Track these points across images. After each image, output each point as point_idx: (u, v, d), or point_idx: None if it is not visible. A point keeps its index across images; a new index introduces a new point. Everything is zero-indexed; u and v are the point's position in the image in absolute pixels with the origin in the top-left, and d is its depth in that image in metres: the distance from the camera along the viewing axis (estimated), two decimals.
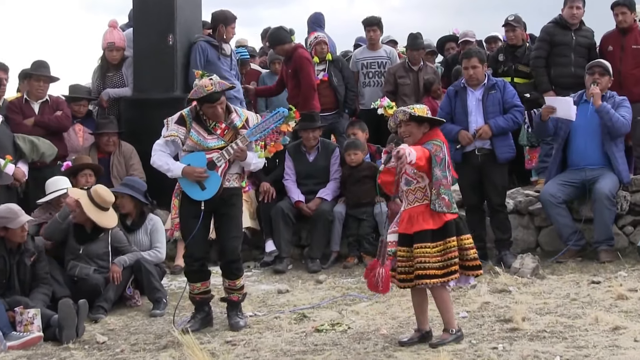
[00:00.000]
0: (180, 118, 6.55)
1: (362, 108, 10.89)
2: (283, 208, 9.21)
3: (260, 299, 7.71)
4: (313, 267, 8.91)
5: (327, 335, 6.21)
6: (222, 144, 6.49)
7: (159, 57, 9.95)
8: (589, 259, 8.44)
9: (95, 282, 7.39)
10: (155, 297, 7.45)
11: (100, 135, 9.46)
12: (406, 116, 5.73)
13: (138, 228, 8.13)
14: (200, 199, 6.49)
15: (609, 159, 8.49)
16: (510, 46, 10.36)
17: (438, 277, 5.56)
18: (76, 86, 10.12)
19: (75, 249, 7.58)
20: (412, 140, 5.74)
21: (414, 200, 5.74)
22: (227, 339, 6.26)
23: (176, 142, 6.51)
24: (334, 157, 9.48)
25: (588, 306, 6.57)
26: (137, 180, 8.41)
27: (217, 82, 6.43)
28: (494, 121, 8.44)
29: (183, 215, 6.59)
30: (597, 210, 8.35)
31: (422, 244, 5.58)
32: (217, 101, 6.41)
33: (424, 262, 5.56)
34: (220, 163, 6.47)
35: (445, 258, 5.59)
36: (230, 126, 6.52)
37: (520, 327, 5.95)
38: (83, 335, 6.58)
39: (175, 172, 6.52)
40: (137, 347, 6.26)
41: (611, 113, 8.35)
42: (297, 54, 10.13)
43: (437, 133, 5.81)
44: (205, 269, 6.76)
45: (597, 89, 8.43)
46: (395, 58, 11.19)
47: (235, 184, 6.62)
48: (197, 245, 6.57)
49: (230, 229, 6.61)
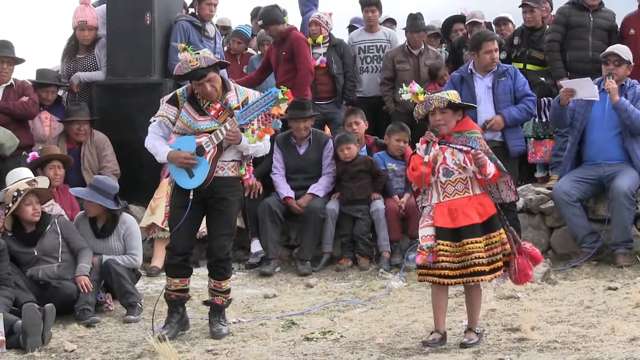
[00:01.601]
0: (173, 97, 6.58)
1: (360, 96, 10.90)
2: (271, 205, 9.22)
3: (245, 304, 7.72)
4: (303, 269, 8.92)
5: (317, 344, 6.22)
6: (214, 126, 6.46)
7: (135, 38, 9.95)
8: (605, 262, 8.47)
9: (69, 292, 7.35)
10: (129, 302, 7.44)
11: (70, 123, 9.44)
12: (443, 103, 5.80)
13: (110, 234, 7.93)
14: (187, 187, 6.49)
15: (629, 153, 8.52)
16: (528, 29, 10.36)
17: (486, 273, 5.72)
18: (44, 70, 10.04)
19: (29, 254, 7.47)
20: (447, 129, 5.86)
21: (453, 192, 5.84)
22: (208, 348, 6.26)
23: (165, 123, 6.53)
24: (326, 149, 9.49)
25: (604, 314, 6.59)
26: (107, 181, 8.10)
27: (203, 57, 6.39)
28: (507, 112, 8.46)
29: (172, 204, 6.62)
30: (614, 209, 8.38)
31: (473, 238, 5.72)
32: (204, 78, 6.38)
33: (478, 258, 5.69)
34: (209, 148, 6.44)
35: (490, 254, 5.74)
36: (225, 106, 6.49)
37: (529, 336, 5.96)
38: (50, 342, 6.56)
39: (161, 156, 6.54)
40: (109, 356, 6.25)
41: (630, 110, 8.37)
42: (294, 35, 10.15)
43: (470, 121, 6.01)
44: (187, 265, 6.75)
45: (613, 84, 8.43)
46: (395, 41, 11.19)
47: (230, 172, 6.56)
48: (181, 239, 6.58)
49: (220, 226, 6.61)
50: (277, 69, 10.27)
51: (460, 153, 5.80)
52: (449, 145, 5.84)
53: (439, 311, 5.95)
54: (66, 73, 10.19)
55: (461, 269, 5.74)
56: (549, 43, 9.92)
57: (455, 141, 5.84)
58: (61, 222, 7.71)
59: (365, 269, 8.78)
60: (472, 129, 5.93)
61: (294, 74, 10.10)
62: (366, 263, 8.84)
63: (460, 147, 5.80)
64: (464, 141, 5.82)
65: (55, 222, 7.64)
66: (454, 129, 5.87)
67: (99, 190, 7.88)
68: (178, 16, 10.17)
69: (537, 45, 10.23)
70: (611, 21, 9.94)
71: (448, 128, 5.86)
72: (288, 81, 10.07)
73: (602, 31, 9.79)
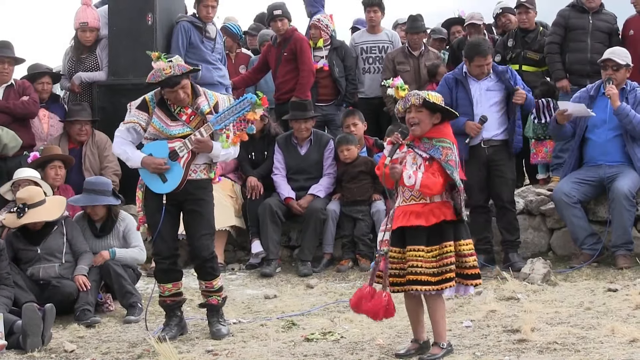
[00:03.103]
0: (142, 103, 6.58)
1: (362, 97, 10.89)
2: (271, 205, 9.21)
3: (245, 304, 7.72)
4: (303, 270, 8.92)
5: (317, 345, 6.22)
6: (187, 132, 6.48)
7: (136, 39, 9.94)
8: (605, 264, 8.46)
9: (69, 291, 7.35)
10: (129, 302, 7.44)
11: (71, 123, 9.43)
12: (419, 100, 5.68)
13: (108, 233, 7.94)
14: (160, 192, 6.51)
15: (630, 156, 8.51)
16: (521, 30, 10.39)
17: (432, 284, 5.54)
18: (34, 65, 10.01)
19: (32, 252, 7.49)
20: (421, 129, 5.69)
21: (410, 197, 5.70)
22: (208, 348, 6.26)
23: (137, 129, 6.53)
24: (327, 150, 9.49)
25: (604, 316, 6.58)
26: (99, 180, 8.13)
27: (177, 64, 6.41)
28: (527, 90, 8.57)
29: (147, 209, 6.61)
30: (615, 211, 8.37)
31: (416, 246, 5.58)
32: (178, 85, 6.39)
33: (416, 267, 5.55)
34: (183, 153, 6.46)
35: (440, 264, 5.58)
36: (196, 111, 6.52)
37: (529, 338, 5.95)
38: (50, 342, 6.55)
39: (134, 162, 6.55)
40: (109, 356, 6.25)
41: (631, 115, 8.36)
42: (297, 35, 10.16)
43: (448, 129, 5.78)
44: (177, 267, 6.75)
45: (613, 89, 8.42)
46: (397, 42, 11.19)
47: (202, 175, 6.59)
48: (164, 242, 6.58)
49: (200, 227, 6.59)
50: (276, 69, 10.27)
51: (420, 158, 5.66)
52: (414, 150, 5.70)
53: (414, 319, 5.85)
54: (68, 73, 10.17)
55: (405, 276, 5.61)
56: (549, 45, 9.95)
57: (421, 146, 5.68)
58: (68, 224, 7.72)
59: (365, 270, 8.76)
60: (443, 137, 5.70)
61: (295, 74, 10.10)
62: (367, 264, 8.82)
63: (421, 154, 5.66)
64: (427, 148, 5.66)
65: (62, 223, 7.65)
66: (426, 133, 5.69)
67: (96, 192, 7.90)
68: (179, 17, 10.16)
69: (531, 46, 10.26)
70: (612, 24, 9.95)
71: (421, 129, 5.67)
72: (289, 82, 10.09)
73: (601, 34, 9.81)
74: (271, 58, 10.34)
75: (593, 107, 8.55)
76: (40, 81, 9.70)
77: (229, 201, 9.32)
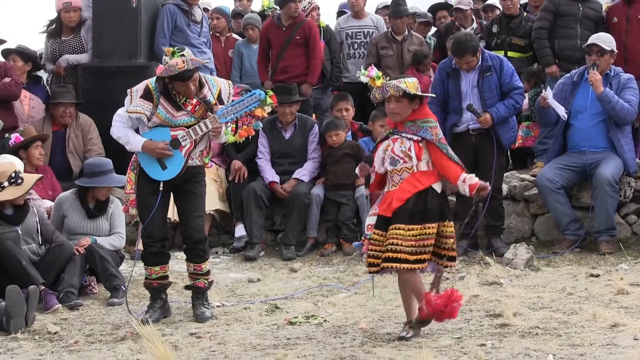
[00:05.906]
0: (146, 91, 6.51)
1: (347, 82, 10.87)
2: (255, 189, 9.20)
3: (229, 288, 7.72)
4: (287, 254, 8.93)
5: (300, 328, 6.23)
6: (191, 121, 6.48)
7: (121, 21, 9.89)
8: (588, 250, 8.49)
9: (71, 250, 7.45)
10: (113, 285, 7.42)
11: (55, 105, 9.39)
12: (399, 92, 5.73)
13: (103, 214, 7.94)
14: (159, 179, 6.50)
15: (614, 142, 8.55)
16: (505, 16, 10.40)
17: (409, 262, 5.59)
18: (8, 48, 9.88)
19: (13, 232, 7.37)
20: (401, 117, 5.78)
21: (399, 181, 5.75)
22: (191, 331, 6.27)
23: (141, 119, 6.49)
24: (312, 134, 9.48)
25: (585, 301, 6.62)
26: (100, 161, 8.10)
27: (190, 59, 6.39)
28: (495, 110, 8.34)
29: (140, 192, 6.59)
30: (598, 197, 8.40)
31: (396, 224, 5.63)
32: (190, 79, 6.39)
33: (395, 245, 5.59)
34: (185, 143, 6.47)
35: (419, 244, 5.62)
36: (202, 101, 6.51)
37: (511, 322, 5.99)
38: (33, 324, 6.55)
39: (134, 146, 6.52)
40: (93, 338, 6.24)
41: (614, 101, 8.37)
42: (309, 21, 10.11)
43: (426, 110, 5.86)
44: (165, 251, 6.77)
45: (596, 75, 8.43)
46: (382, 27, 11.17)
47: (197, 162, 6.61)
48: (156, 225, 6.58)
49: (195, 207, 6.62)
50: (281, 50, 10.19)
51: (408, 141, 5.73)
52: (400, 135, 5.77)
53: (404, 300, 5.89)
54: (51, 55, 10.06)
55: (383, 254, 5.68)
56: (537, 30, 9.97)
57: (407, 130, 5.76)
58: (36, 206, 7.68)
59: (349, 254, 8.78)
60: (426, 117, 5.80)
61: (304, 59, 10.06)
62: (350, 248, 8.83)
63: (410, 137, 5.73)
64: (415, 130, 5.74)
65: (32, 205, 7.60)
66: (408, 117, 5.79)
67: (101, 173, 7.87)
68: None
69: (516, 32, 10.29)
70: (598, 12, 10.01)
71: (402, 117, 5.78)
72: (298, 66, 10.01)
73: (589, 21, 9.87)
74: (276, 39, 10.22)
75: (576, 93, 8.58)
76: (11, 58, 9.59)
77: (214, 185, 9.30)
